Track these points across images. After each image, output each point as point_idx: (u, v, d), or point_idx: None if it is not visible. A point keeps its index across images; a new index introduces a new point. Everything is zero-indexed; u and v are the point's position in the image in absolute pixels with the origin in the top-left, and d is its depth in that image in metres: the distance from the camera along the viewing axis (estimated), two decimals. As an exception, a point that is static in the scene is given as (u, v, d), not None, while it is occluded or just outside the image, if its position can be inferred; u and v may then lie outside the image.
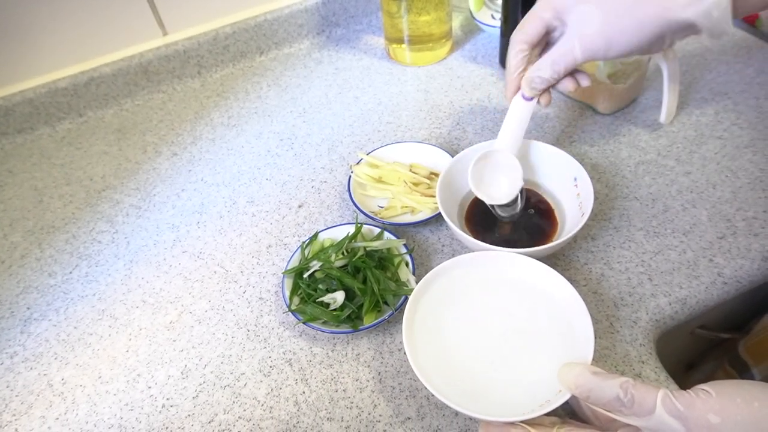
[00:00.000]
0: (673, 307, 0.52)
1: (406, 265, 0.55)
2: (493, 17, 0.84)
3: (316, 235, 0.59)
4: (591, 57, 0.48)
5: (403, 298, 0.52)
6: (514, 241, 0.56)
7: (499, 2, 0.79)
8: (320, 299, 0.52)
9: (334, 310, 0.52)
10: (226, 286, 0.59)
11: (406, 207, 0.61)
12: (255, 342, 0.54)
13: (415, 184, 0.62)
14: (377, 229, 0.58)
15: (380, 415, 0.47)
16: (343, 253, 0.54)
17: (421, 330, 0.46)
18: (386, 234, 0.58)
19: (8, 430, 0.50)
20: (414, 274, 0.54)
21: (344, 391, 0.49)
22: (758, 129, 0.66)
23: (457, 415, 0.47)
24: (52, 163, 0.77)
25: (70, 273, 0.63)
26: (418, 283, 0.48)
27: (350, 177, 0.64)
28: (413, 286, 0.52)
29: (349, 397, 0.49)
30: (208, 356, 0.53)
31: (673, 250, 0.55)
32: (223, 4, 0.84)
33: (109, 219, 0.68)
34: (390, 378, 0.50)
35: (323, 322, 0.52)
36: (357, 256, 0.54)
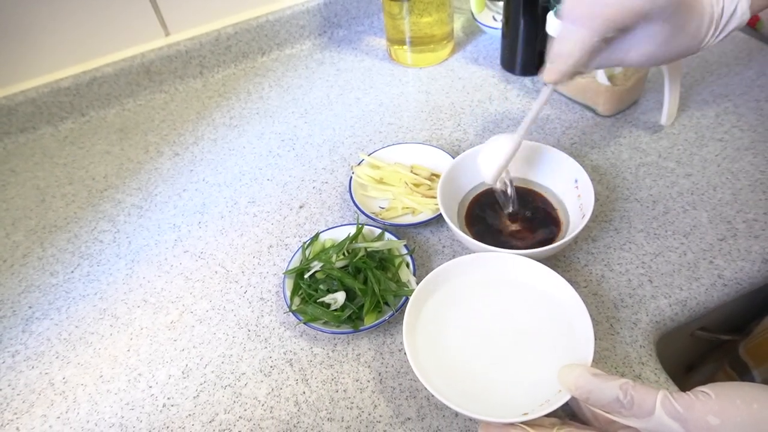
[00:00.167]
0: (674, 309, 0.52)
1: (407, 266, 0.55)
2: (495, 19, 0.84)
3: (317, 235, 0.59)
4: (629, 66, 0.48)
5: (404, 298, 0.52)
6: (515, 243, 0.56)
7: (501, 4, 0.79)
8: (321, 299, 0.52)
9: (335, 310, 0.52)
10: (227, 286, 0.59)
11: (407, 208, 0.61)
12: (256, 342, 0.54)
13: (416, 185, 0.62)
14: (378, 230, 0.58)
15: (380, 416, 0.47)
16: (344, 254, 0.55)
17: (421, 331, 0.46)
18: (387, 235, 0.58)
19: (10, 429, 0.50)
20: (415, 275, 0.54)
21: (345, 391, 0.49)
22: (759, 131, 0.66)
23: (457, 415, 0.47)
24: (54, 163, 0.77)
25: (72, 272, 0.63)
26: (418, 284, 0.48)
27: (351, 178, 0.64)
28: (414, 286, 0.52)
29: (349, 398, 0.49)
30: (209, 356, 0.53)
31: (674, 252, 0.56)
32: (226, 5, 0.84)
33: (110, 218, 0.68)
34: (390, 378, 0.50)
35: (324, 323, 0.52)
36: (358, 257, 0.54)
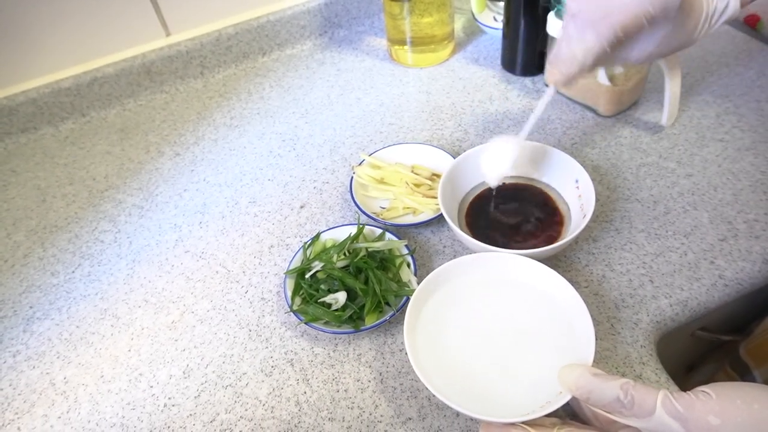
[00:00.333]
0: (674, 309, 0.52)
1: (408, 265, 0.55)
2: (495, 19, 0.84)
3: (318, 235, 0.59)
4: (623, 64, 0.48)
5: (405, 298, 0.52)
6: (516, 243, 0.56)
7: (501, 4, 0.79)
8: (322, 299, 0.52)
9: (336, 310, 0.52)
10: (228, 286, 0.59)
11: (408, 208, 0.61)
12: (257, 342, 0.54)
13: (417, 185, 0.62)
14: (379, 230, 0.58)
15: (381, 416, 0.47)
16: (345, 254, 0.55)
17: (422, 331, 0.46)
18: (388, 235, 0.58)
19: (11, 429, 0.50)
20: (415, 275, 0.54)
21: (345, 391, 0.49)
22: (759, 132, 0.66)
23: (458, 415, 0.47)
24: (55, 163, 0.77)
25: (73, 272, 0.63)
26: (419, 283, 0.48)
27: (352, 178, 0.64)
28: (415, 286, 0.52)
29: (350, 398, 0.49)
30: (210, 356, 0.53)
31: (674, 252, 0.56)
32: (226, 5, 0.84)
33: (111, 219, 0.68)
34: (391, 378, 0.50)
35: (325, 323, 0.52)
36: (359, 257, 0.54)
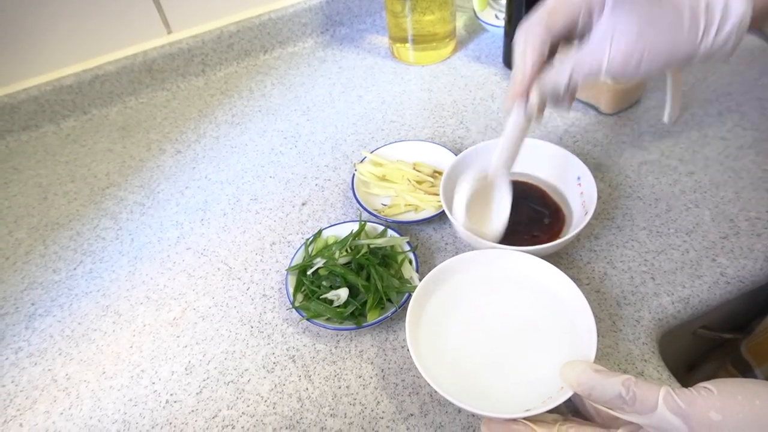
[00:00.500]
0: (676, 307, 0.52)
1: (410, 262, 0.55)
2: (497, 17, 0.84)
3: (320, 232, 0.59)
4: (616, 74, 0.41)
5: (407, 295, 0.52)
6: (518, 240, 0.56)
7: (503, 2, 0.79)
8: (324, 296, 0.52)
9: (338, 306, 0.52)
10: (229, 282, 0.59)
11: (410, 205, 0.61)
12: (258, 338, 0.54)
13: (419, 182, 0.62)
14: (381, 227, 0.58)
15: (383, 412, 0.47)
16: (347, 251, 0.55)
17: (424, 327, 0.46)
18: (390, 231, 0.58)
19: (13, 425, 0.50)
20: (417, 272, 0.54)
21: (347, 387, 0.49)
22: (761, 130, 0.66)
23: (460, 411, 0.47)
24: (56, 161, 0.77)
25: (75, 269, 0.63)
26: (421, 280, 0.48)
27: (354, 175, 0.64)
28: (416, 283, 0.52)
29: (352, 394, 0.49)
30: (212, 352, 0.53)
31: (676, 250, 0.56)
32: (228, 3, 0.84)
33: (113, 216, 0.68)
34: (393, 375, 0.50)
35: (327, 319, 0.52)
36: (361, 254, 0.54)
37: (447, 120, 0.74)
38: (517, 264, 0.49)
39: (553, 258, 0.55)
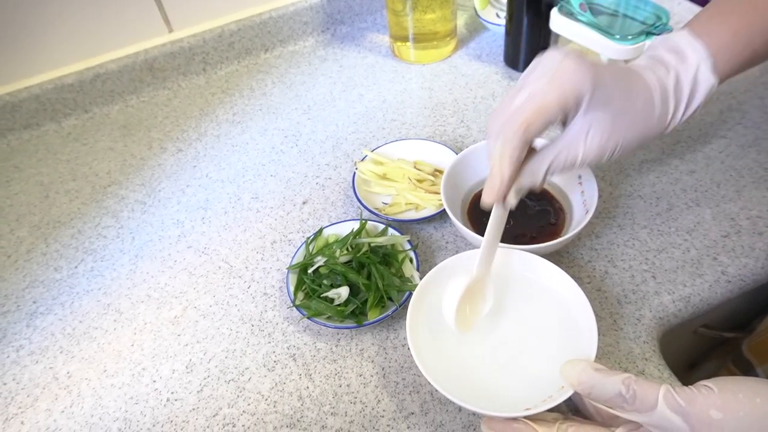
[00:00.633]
0: (677, 305, 0.52)
1: (411, 261, 0.55)
2: (498, 15, 0.84)
3: (321, 230, 0.59)
4: (589, 163, 0.43)
5: (407, 293, 0.52)
6: (518, 238, 0.56)
7: (504, 1, 0.79)
8: (325, 294, 0.52)
9: (339, 305, 0.52)
10: (230, 281, 0.59)
11: (411, 203, 0.61)
12: (259, 337, 0.54)
13: (420, 181, 0.62)
14: (381, 226, 0.58)
15: (384, 410, 0.47)
16: (348, 249, 0.55)
17: (424, 326, 0.46)
18: (390, 230, 0.58)
19: (14, 423, 0.51)
20: (418, 270, 0.54)
21: (348, 386, 0.49)
22: (762, 128, 0.66)
23: (461, 410, 0.47)
24: (57, 159, 0.77)
25: (76, 267, 0.63)
26: (422, 279, 0.48)
27: (354, 174, 0.64)
28: (417, 282, 0.52)
29: (352, 392, 0.49)
30: (213, 351, 0.53)
31: (677, 249, 0.56)
32: (229, 2, 0.84)
33: (114, 214, 0.68)
34: (394, 373, 0.50)
35: (327, 318, 0.52)
36: (361, 252, 0.54)
37: (448, 119, 0.74)
38: (517, 263, 0.49)
39: (554, 257, 0.55)
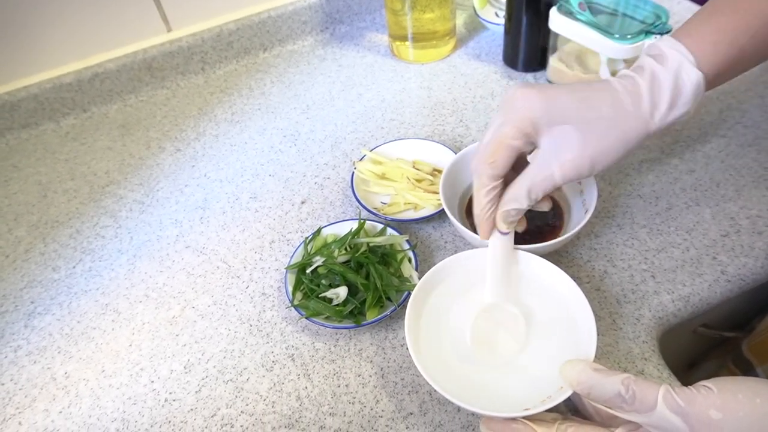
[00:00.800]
0: (676, 305, 0.52)
1: (409, 261, 0.55)
2: (497, 15, 0.84)
3: (319, 230, 0.59)
4: (572, 180, 0.44)
5: (406, 293, 0.52)
6: (518, 238, 0.55)
7: (503, 0, 0.79)
8: (323, 294, 0.52)
9: (337, 305, 0.52)
10: (228, 281, 0.59)
11: (409, 203, 0.61)
12: (257, 337, 0.54)
13: (418, 181, 0.62)
14: (380, 225, 0.58)
15: (382, 411, 0.47)
16: (346, 249, 0.54)
17: (423, 326, 0.46)
18: (389, 230, 0.58)
19: (12, 423, 0.50)
20: (417, 270, 0.54)
21: (347, 386, 0.49)
22: (762, 128, 0.65)
23: (459, 410, 0.47)
24: (56, 159, 0.77)
25: (74, 267, 0.63)
26: (420, 279, 0.48)
27: (353, 173, 0.64)
28: (416, 281, 0.52)
29: (351, 393, 0.49)
30: (211, 351, 0.53)
31: (677, 248, 0.55)
32: (228, 1, 0.84)
33: (112, 214, 0.68)
34: (392, 373, 0.50)
35: (326, 318, 0.52)
36: (360, 252, 0.54)
37: (447, 118, 0.74)
38: (516, 262, 0.49)
39: (553, 256, 0.55)
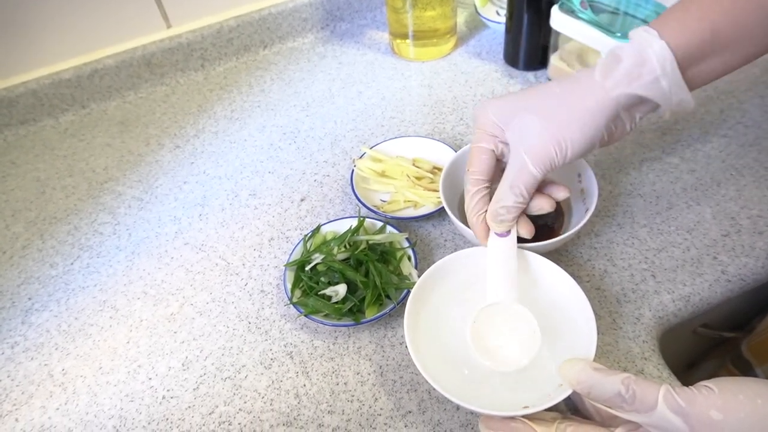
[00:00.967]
0: (677, 305, 0.51)
1: (409, 259, 0.55)
2: (498, 13, 0.84)
3: (319, 228, 0.58)
4: (549, 167, 0.44)
5: (405, 291, 0.52)
6: (517, 237, 0.55)
7: (505, -2, 0.79)
8: (322, 292, 0.52)
9: (336, 303, 0.51)
10: (227, 278, 0.59)
11: (409, 201, 0.61)
12: (256, 334, 0.54)
13: (418, 179, 0.62)
14: (380, 223, 0.58)
15: (381, 409, 0.47)
16: (346, 246, 0.54)
17: (422, 324, 0.46)
18: (389, 228, 0.57)
19: (9, 420, 0.50)
20: (416, 268, 0.54)
21: (345, 384, 0.49)
22: (763, 127, 0.65)
23: (458, 409, 0.47)
24: (54, 155, 0.77)
25: (72, 264, 0.63)
26: (420, 277, 0.48)
27: (353, 171, 0.64)
28: (415, 279, 0.52)
29: (350, 391, 0.49)
30: (209, 348, 0.53)
31: (677, 248, 0.55)
32: (228, -2, 0.84)
33: (111, 211, 0.68)
34: (391, 371, 0.49)
35: (325, 315, 0.52)
36: (359, 250, 0.53)
37: (447, 116, 0.73)
38: (517, 264, 0.49)
39: (553, 255, 0.55)
